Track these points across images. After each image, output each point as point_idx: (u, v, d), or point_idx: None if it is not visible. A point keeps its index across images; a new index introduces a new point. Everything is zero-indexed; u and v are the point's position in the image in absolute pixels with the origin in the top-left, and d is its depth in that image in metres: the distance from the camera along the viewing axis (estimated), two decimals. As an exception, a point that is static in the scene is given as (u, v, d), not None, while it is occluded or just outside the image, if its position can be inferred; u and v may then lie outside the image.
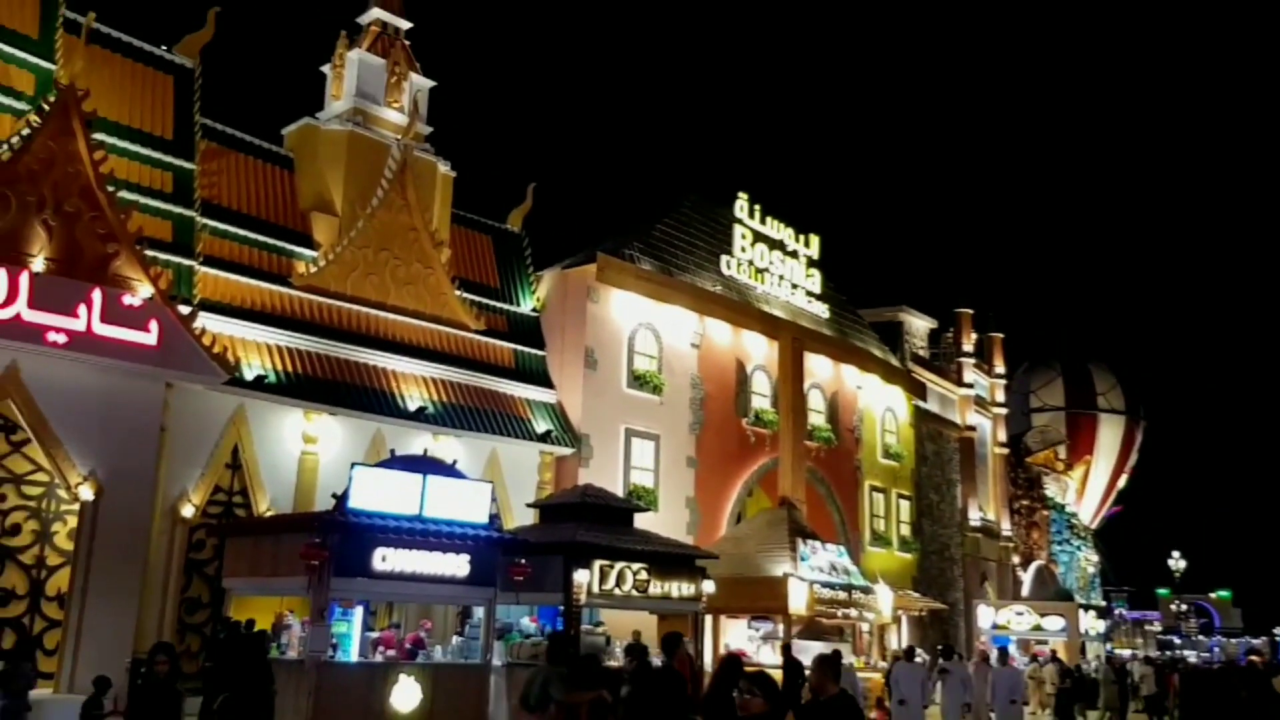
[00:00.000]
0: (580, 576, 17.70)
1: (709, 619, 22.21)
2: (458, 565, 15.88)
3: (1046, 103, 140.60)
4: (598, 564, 18.13)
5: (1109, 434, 58.98)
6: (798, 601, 21.69)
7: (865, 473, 34.15)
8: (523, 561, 16.59)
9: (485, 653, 16.60)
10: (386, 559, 15.08)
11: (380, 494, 15.39)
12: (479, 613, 18.53)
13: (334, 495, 15.28)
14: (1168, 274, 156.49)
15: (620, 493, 24.77)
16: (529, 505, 21.57)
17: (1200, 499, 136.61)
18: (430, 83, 24.91)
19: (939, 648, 24.83)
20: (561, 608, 18.04)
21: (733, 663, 11.07)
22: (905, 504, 36.10)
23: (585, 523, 19.00)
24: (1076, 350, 63.17)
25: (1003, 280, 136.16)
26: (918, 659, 19.69)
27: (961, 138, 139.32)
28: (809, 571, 22.49)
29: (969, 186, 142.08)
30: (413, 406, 21.71)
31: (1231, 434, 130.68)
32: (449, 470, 16.73)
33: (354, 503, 15.08)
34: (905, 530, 35.81)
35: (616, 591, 18.43)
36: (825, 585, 22.39)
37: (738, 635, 23.36)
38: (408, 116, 23.79)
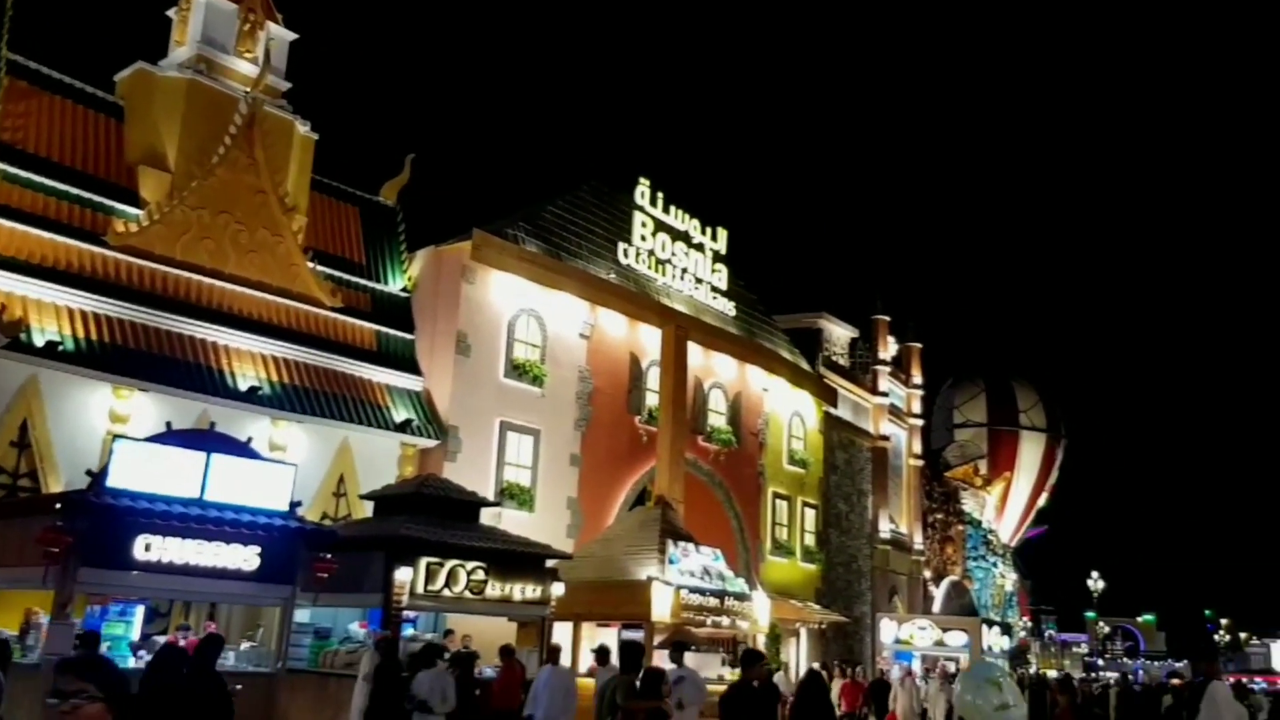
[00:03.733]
0: (402, 575, 15.59)
1: (570, 626, 20.21)
2: (245, 558, 13.74)
3: (980, 111, 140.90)
4: (424, 561, 16.02)
5: (1030, 451, 58.13)
6: (662, 607, 19.73)
7: (768, 479, 32.47)
8: (329, 557, 14.50)
9: (278, 660, 14.43)
10: (151, 548, 12.93)
11: (151, 472, 13.23)
12: (301, 615, 16.54)
13: (89, 472, 13.10)
14: (1094, 292, 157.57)
15: (491, 491, 22.75)
16: (361, 497, 19.46)
17: (1123, 520, 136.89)
18: (292, 35, 22.80)
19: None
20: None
21: (814, 679, 12.58)
22: (811, 513, 34.44)
23: (419, 516, 16.92)
24: (1001, 366, 62.35)
25: (929, 293, 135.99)
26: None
27: (895, 148, 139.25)
28: (677, 575, 20.57)
29: (898, 199, 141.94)
30: (244, 386, 19.52)
31: (1154, 456, 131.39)
32: (241, 448, 14.58)
33: (114, 481, 12.92)
34: (810, 540, 34.17)
35: (446, 593, 16.34)
36: (694, 590, 20.48)
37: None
38: (260, 68, 21.64)
